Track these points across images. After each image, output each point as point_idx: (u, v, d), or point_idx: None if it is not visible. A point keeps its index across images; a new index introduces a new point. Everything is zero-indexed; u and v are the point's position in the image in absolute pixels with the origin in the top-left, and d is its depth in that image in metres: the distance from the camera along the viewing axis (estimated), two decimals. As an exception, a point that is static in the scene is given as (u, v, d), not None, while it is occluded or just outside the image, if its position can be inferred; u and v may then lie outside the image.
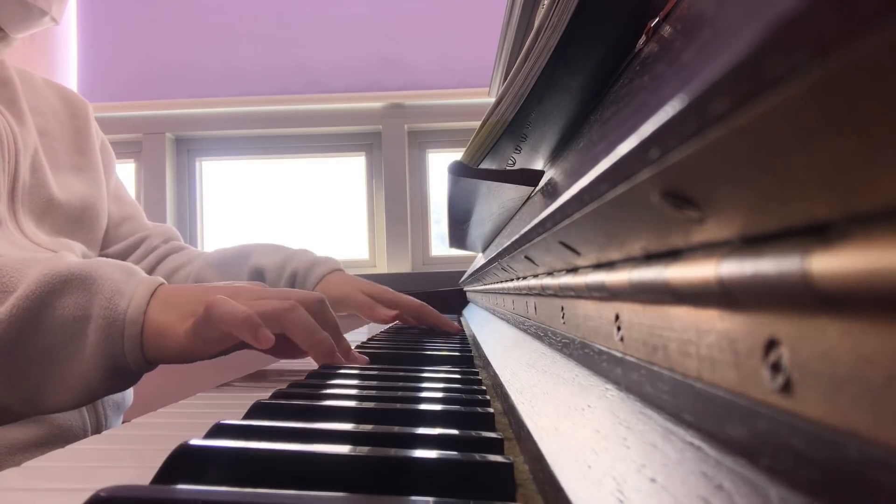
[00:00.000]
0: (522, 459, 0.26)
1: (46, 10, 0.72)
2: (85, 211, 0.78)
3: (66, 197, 0.76)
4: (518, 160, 0.44)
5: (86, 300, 0.45)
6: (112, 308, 0.45)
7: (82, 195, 0.78)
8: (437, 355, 0.59)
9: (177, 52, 1.80)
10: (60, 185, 0.76)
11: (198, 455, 0.22)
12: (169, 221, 1.79)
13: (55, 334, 0.45)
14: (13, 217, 0.68)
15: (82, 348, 0.45)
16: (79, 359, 0.45)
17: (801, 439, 0.10)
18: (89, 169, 0.82)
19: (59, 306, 0.45)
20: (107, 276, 0.47)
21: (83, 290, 0.46)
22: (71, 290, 0.45)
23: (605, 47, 0.33)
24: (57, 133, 0.80)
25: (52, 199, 0.74)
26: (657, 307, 0.18)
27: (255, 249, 0.89)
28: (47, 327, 0.45)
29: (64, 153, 0.80)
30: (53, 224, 0.74)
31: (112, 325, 0.45)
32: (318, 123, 1.80)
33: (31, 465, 0.26)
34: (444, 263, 1.79)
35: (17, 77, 0.77)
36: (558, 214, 0.22)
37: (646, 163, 0.13)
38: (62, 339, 0.45)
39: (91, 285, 0.46)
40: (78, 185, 0.79)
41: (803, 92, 0.08)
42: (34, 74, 0.83)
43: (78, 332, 0.45)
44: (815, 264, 0.09)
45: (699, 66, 0.11)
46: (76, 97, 0.87)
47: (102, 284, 0.46)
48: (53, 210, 0.74)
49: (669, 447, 0.15)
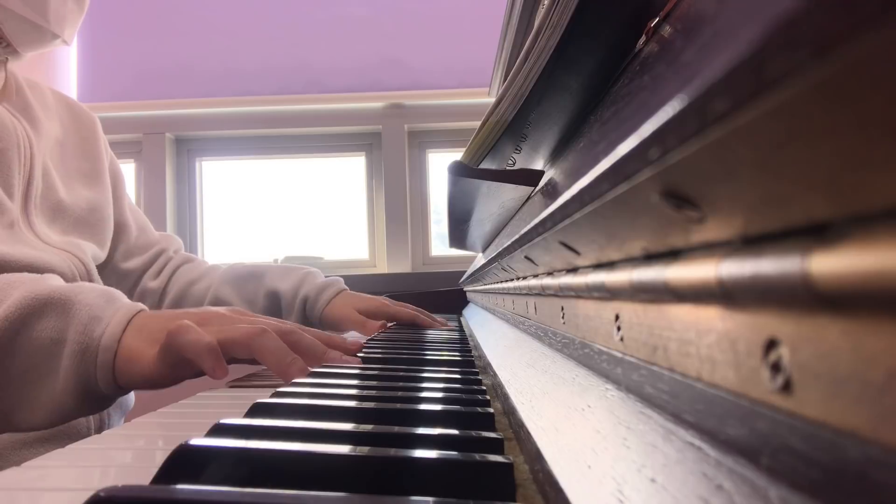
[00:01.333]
0: (522, 459, 0.26)
1: (59, 34, 0.73)
2: (92, 213, 0.81)
3: (74, 201, 0.78)
4: (518, 160, 0.44)
5: (63, 324, 0.46)
6: (87, 334, 0.46)
7: (89, 199, 0.81)
8: (436, 356, 0.59)
9: (177, 52, 1.80)
10: (68, 190, 0.79)
11: (198, 455, 0.22)
12: (169, 221, 1.79)
13: (31, 356, 0.46)
14: (26, 219, 0.71)
15: (56, 370, 0.46)
16: (52, 380, 0.46)
17: (800, 439, 0.10)
18: (95, 175, 0.85)
19: (37, 328, 0.46)
20: (85, 302, 0.47)
21: (61, 313, 0.47)
22: (49, 314, 0.46)
23: (605, 47, 0.33)
24: (64, 140, 0.83)
25: (61, 202, 0.76)
26: (657, 307, 0.18)
27: (268, 271, 0.93)
28: (24, 349, 0.46)
29: (71, 159, 0.83)
30: (63, 226, 0.76)
31: (86, 351, 0.46)
32: (318, 123, 1.80)
33: (31, 465, 0.26)
34: (444, 263, 1.79)
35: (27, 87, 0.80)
36: (558, 214, 0.22)
37: (646, 163, 0.13)
38: (38, 361, 0.46)
39: (70, 310, 0.47)
40: (84, 190, 0.82)
41: (803, 92, 0.08)
42: (42, 85, 0.86)
43: (53, 355, 0.46)
44: (815, 264, 0.09)
45: (699, 66, 0.11)
46: (82, 108, 0.90)
47: (80, 310, 0.47)
48: (62, 213, 0.76)
49: (669, 447, 0.15)
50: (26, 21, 0.70)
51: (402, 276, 1.69)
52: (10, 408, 0.46)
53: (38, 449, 0.61)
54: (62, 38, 0.75)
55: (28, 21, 0.70)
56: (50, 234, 0.73)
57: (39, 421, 0.47)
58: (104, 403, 0.49)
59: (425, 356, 0.58)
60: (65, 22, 0.74)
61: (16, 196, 0.69)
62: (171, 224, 1.81)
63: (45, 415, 0.46)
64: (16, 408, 0.46)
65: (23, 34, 0.71)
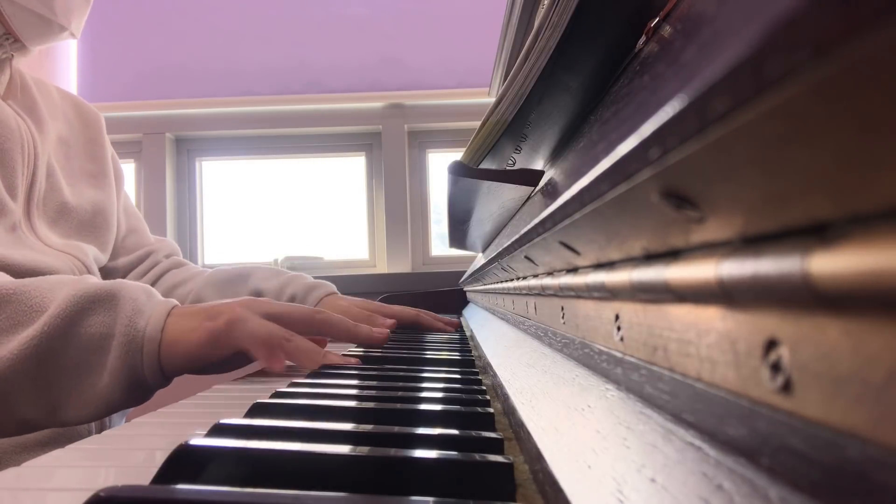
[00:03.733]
0: (522, 459, 0.26)
1: (66, 26, 0.74)
2: (96, 215, 0.81)
3: (78, 202, 0.78)
4: (518, 160, 0.44)
5: (110, 318, 0.48)
6: (132, 326, 0.48)
7: (94, 200, 0.81)
8: (436, 356, 0.59)
9: (177, 52, 1.80)
10: (73, 191, 0.79)
11: (198, 455, 0.22)
12: (169, 221, 1.79)
13: (82, 350, 0.48)
14: (28, 221, 0.71)
15: (104, 363, 0.48)
16: (100, 373, 0.48)
17: (800, 439, 0.10)
18: (101, 176, 0.85)
19: (86, 324, 0.48)
20: (128, 296, 0.50)
21: (108, 309, 0.49)
22: (97, 309, 0.49)
23: (605, 47, 0.33)
24: (71, 140, 0.82)
25: (65, 204, 0.76)
26: (657, 307, 0.18)
27: (254, 272, 0.92)
28: (75, 344, 0.47)
29: (77, 160, 0.82)
30: (66, 228, 0.76)
31: (132, 342, 0.48)
32: (318, 123, 1.80)
33: (31, 465, 0.26)
34: (444, 263, 1.79)
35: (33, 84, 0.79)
36: (558, 214, 0.22)
37: (646, 163, 0.13)
38: (87, 355, 0.48)
39: (116, 305, 0.49)
40: (89, 190, 0.81)
41: (803, 92, 0.08)
42: (48, 83, 0.85)
43: (101, 349, 0.48)
44: (815, 264, 0.09)
45: (699, 66, 0.11)
46: (89, 107, 0.90)
47: (125, 304, 0.49)
48: (66, 214, 0.76)
49: (669, 447, 0.15)
50: (34, 14, 0.70)
51: (402, 276, 1.69)
52: (59, 402, 0.47)
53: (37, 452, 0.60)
54: (69, 31, 0.75)
55: (35, 13, 0.70)
56: (51, 236, 0.73)
57: (87, 414, 0.48)
58: (147, 394, 0.51)
59: (425, 356, 0.58)
60: (71, 14, 0.74)
61: (19, 197, 0.69)
62: (171, 224, 1.81)
63: (93, 408, 0.48)
64: (64, 402, 0.47)
65: (30, 27, 0.71)
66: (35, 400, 0.47)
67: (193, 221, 1.87)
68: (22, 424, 0.48)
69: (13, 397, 0.46)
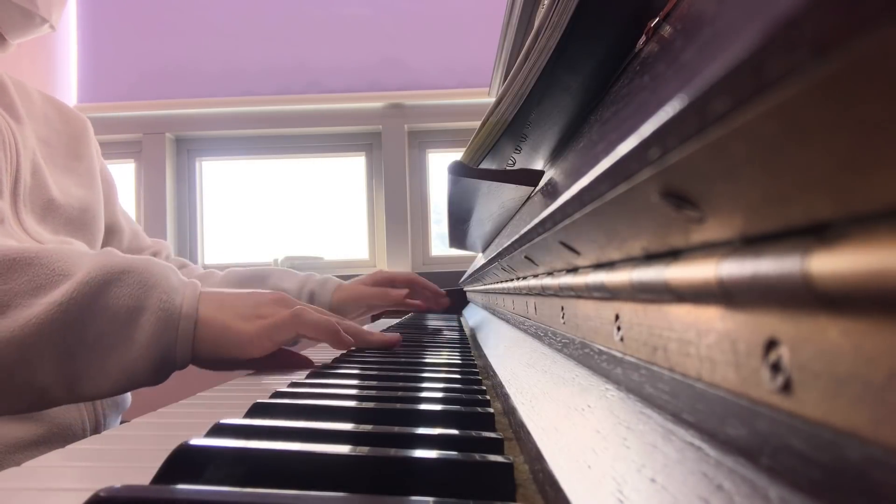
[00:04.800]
0: (522, 459, 0.26)
1: (46, 18, 0.74)
2: (83, 213, 0.79)
3: (65, 199, 0.77)
4: (518, 160, 0.44)
5: (142, 293, 0.48)
6: (169, 302, 0.48)
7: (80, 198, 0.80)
8: (436, 356, 0.59)
9: (177, 53, 1.80)
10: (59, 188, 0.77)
11: (198, 455, 0.22)
12: (169, 221, 1.79)
13: (108, 322, 0.47)
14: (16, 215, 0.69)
15: (132, 337, 0.47)
16: (127, 347, 0.47)
17: (800, 439, 0.10)
18: (85, 173, 0.84)
19: (114, 295, 0.47)
20: (161, 274, 0.50)
21: (139, 283, 0.48)
22: (128, 282, 0.48)
23: (605, 47, 0.33)
24: (52, 139, 0.81)
25: (53, 200, 0.74)
26: (657, 307, 0.18)
27: (272, 273, 0.97)
28: (102, 314, 0.46)
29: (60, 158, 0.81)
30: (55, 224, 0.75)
31: (169, 319, 0.48)
32: (318, 123, 1.80)
33: (31, 465, 0.26)
34: (444, 263, 1.79)
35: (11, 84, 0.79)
36: (558, 214, 0.22)
37: (646, 163, 0.13)
38: (114, 328, 0.47)
39: (148, 279, 0.49)
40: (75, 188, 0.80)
41: (803, 92, 0.08)
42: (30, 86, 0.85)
43: (130, 322, 0.47)
44: (815, 264, 0.09)
45: (699, 66, 0.11)
46: (72, 110, 0.89)
47: (159, 280, 0.49)
48: (53, 210, 0.75)
49: (669, 447, 0.15)
50: (15, 6, 0.71)
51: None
52: (79, 375, 0.46)
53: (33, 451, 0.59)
54: (50, 23, 0.75)
55: (18, 6, 0.71)
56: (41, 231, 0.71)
57: (107, 388, 0.47)
58: (166, 375, 0.51)
59: (425, 356, 0.58)
60: (52, 6, 0.74)
61: (4, 193, 0.68)
62: (171, 224, 1.81)
63: (114, 382, 0.47)
64: (83, 375, 0.46)
65: (12, 20, 0.72)
66: (56, 368, 0.45)
67: (193, 221, 1.87)
68: (39, 395, 0.47)
69: (35, 363, 0.45)
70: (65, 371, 0.46)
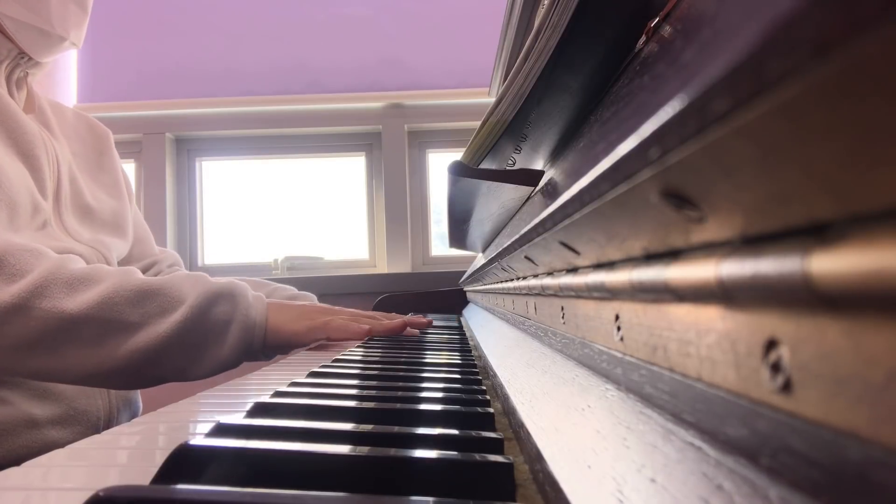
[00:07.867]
0: (522, 459, 0.26)
1: (65, 36, 0.79)
2: (115, 216, 0.90)
3: (99, 206, 0.88)
4: (518, 160, 0.44)
5: (230, 309, 0.68)
6: (248, 315, 0.69)
7: (111, 207, 0.91)
8: (436, 356, 0.59)
9: (177, 52, 1.80)
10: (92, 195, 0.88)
11: (198, 455, 0.22)
12: (169, 221, 1.79)
13: (208, 331, 0.66)
14: (58, 217, 0.80)
15: (225, 341, 0.67)
16: (220, 347, 0.67)
17: (801, 439, 0.10)
18: (113, 185, 0.95)
19: (213, 313, 0.67)
20: (242, 294, 0.69)
21: (229, 302, 0.68)
22: (221, 302, 0.68)
23: (605, 47, 0.33)
24: (83, 153, 0.93)
25: (88, 206, 0.86)
26: (657, 307, 0.18)
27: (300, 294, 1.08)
28: (204, 327, 0.66)
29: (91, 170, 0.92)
30: (92, 225, 0.86)
31: (249, 327, 0.68)
32: (318, 123, 1.80)
33: (31, 465, 0.26)
34: (444, 263, 1.79)
35: (48, 107, 0.88)
36: (558, 214, 0.22)
37: (646, 163, 0.13)
38: (212, 335, 0.66)
39: (233, 299, 0.68)
40: (107, 199, 0.91)
41: (803, 92, 0.08)
42: (64, 105, 0.94)
43: (222, 331, 0.67)
44: (815, 264, 0.09)
45: (699, 67, 0.11)
46: (99, 125, 1.00)
47: (240, 299, 0.69)
48: (90, 214, 0.86)
49: (669, 447, 0.15)
50: (33, 28, 0.76)
51: (402, 276, 1.69)
52: (187, 365, 0.66)
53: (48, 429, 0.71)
54: (70, 41, 0.80)
55: (34, 27, 0.76)
56: (81, 231, 0.82)
57: (204, 374, 0.67)
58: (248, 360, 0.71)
59: (425, 356, 0.58)
60: (68, 24, 0.79)
61: (49, 197, 0.78)
62: (171, 224, 1.81)
63: (210, 370, 0.67)
64: (188, 365, 0.66)
65: (33, 41, 0.77)
66: (174, 364, 0.65)
67: (193, 221, 1.87)
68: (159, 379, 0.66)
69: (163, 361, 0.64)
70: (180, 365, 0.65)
